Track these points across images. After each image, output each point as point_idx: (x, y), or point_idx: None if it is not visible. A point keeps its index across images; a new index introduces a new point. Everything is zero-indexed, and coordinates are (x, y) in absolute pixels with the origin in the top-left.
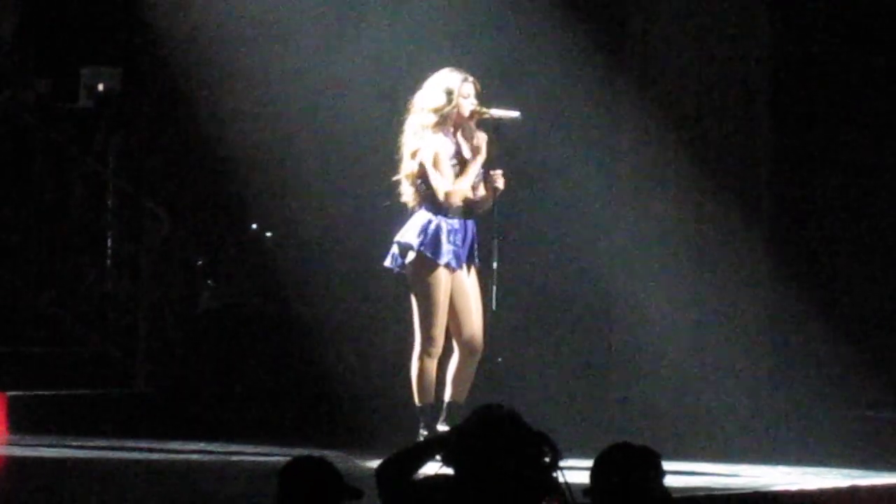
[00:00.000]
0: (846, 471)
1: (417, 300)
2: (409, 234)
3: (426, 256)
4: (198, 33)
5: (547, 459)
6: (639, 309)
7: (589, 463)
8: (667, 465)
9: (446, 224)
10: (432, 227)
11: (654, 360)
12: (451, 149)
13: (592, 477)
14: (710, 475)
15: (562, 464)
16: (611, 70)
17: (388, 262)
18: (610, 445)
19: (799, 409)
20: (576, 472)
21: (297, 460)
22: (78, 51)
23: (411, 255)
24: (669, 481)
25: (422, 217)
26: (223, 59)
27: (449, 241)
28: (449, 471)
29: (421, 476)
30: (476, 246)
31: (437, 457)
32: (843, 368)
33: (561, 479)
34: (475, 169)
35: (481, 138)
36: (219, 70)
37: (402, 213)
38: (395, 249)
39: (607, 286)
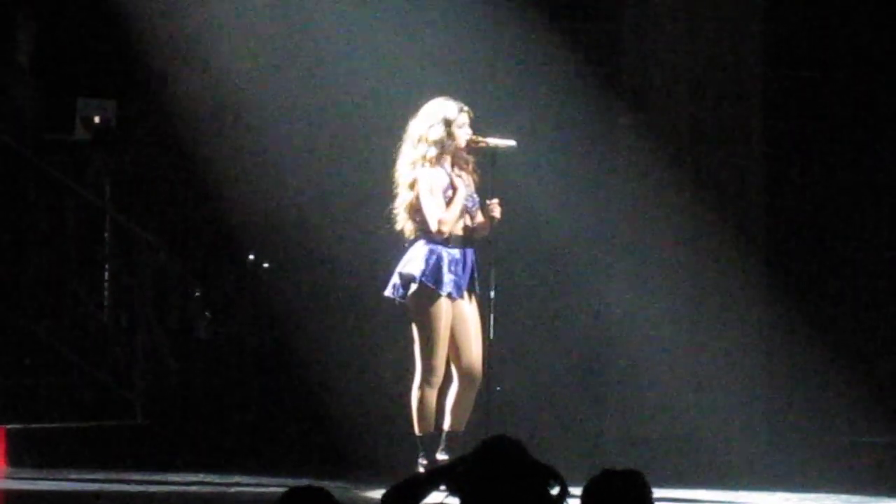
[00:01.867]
0: (845, 496)
1: (419, 330)
2: (411, 264)
3: (428, 287)
4: (192, 64)
5: (554, 493)
6: (636, 336)
7: None
8: (664, 493)
9: (447, 254)
10: (434, 257)
11: (652, 387)
12: (447, 180)
13: None
14: (708, 502)
15: (569, 499)
16: (606, 97)
17: (388, 292)
18: (595, 475)
19: (797, 435)
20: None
21: (294, 490)
22: (73, 82)
23: (413, 286)
24: None
25: (423, 247)
26: (218, 90)
27: (450, 271)
28: (454, 501)
29: None
30: (476, 274)
31: (443, 486)
32: (841, 393)
33: None
34: (460, 199)
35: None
36: (214, 101)
37: (399, 242)
38: (396, 279)
39: (604, 313)
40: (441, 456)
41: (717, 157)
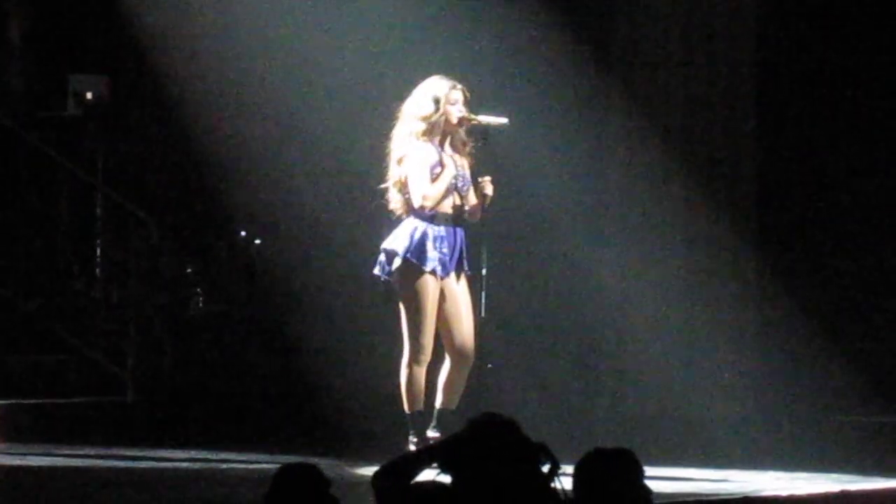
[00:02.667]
0: (836, 475)
1: (405, 307)
2: (395, 241)
3: (412, 263)
4: (185, 41)
5: (545, 469)
6: (628, 315)
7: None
8: (656, 471)
9: (433, 231)
10: (418, 233)
11: (644, 365)
12: (436, 157)
13: (574, 485)
14: (700, 481)
15: (560, 476)
16: (599, 79)
17: (376, 270)
18: (587, 453)
19: (789, 414)
20: (565, 479)
21: (287, 467)
22: (66, 59)
23: (397, 262)
24: (658, 487)
25: (408, 224)
26: (211, 66)
27: (435, 248)
28: (446, 478)
29: (418, 483)
30: (465, 253)
31: (434, 464)
32: (832, 372)
33: (559, 489)
34: (447, 176)
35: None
36: (207, 78)
37: (391, 220)
38: (381, 257)
39: (596, 294)
40: (432, 434)
41: (708, 133)
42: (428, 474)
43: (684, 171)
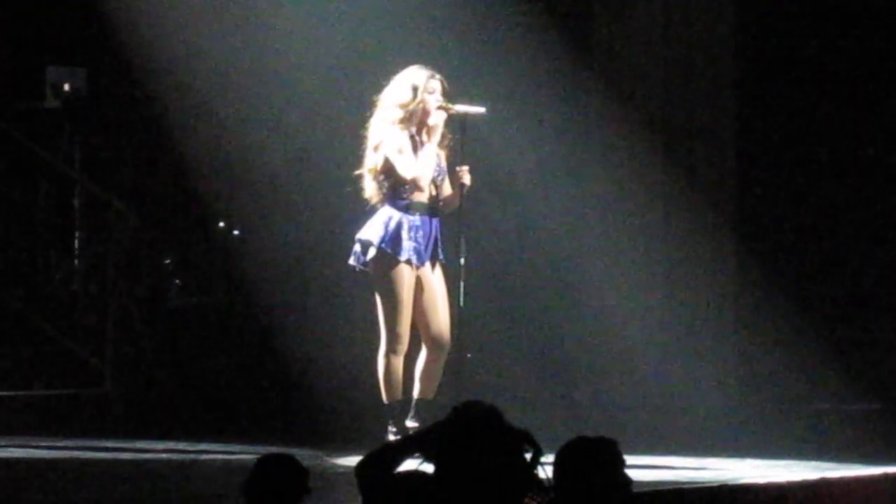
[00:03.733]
0: (815, 463)
1: (380, 297)
2: (369, 230)
3: (387, 252)
4: (164, 33)
5: (528, 456)
6: (607, 304)
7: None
8: (634, 460)
9: (407, 220)
10: (393, 223)
11: (622, 354)
12: (410, 145)
13: (554, 473)
14: (678, 469)
15: (543, 460)
16: (579, 70)
17: (351, 260)
18: (567, 441)
19: (767, 403)
20: (547, 467)
21: (266, 457)
22: (42, 50)
23: (372, 252)
24: (637, 475)
25: (383, 214)
26: (189, 57)
27: (410, 238)
28: (429, 467)
29: (400, 473)
30: (440, 242)
31: (417, 453)
32: (812, 361)
33: (543, 476)
34: (432, 147)
35: (438, 117)
36: (185, 69)
37: (367, 209)
38: (357, 247)
39: (575, 282)
40: (411, 423)
41: (688, 130)
42: (411, 463)
43: (664, 166)
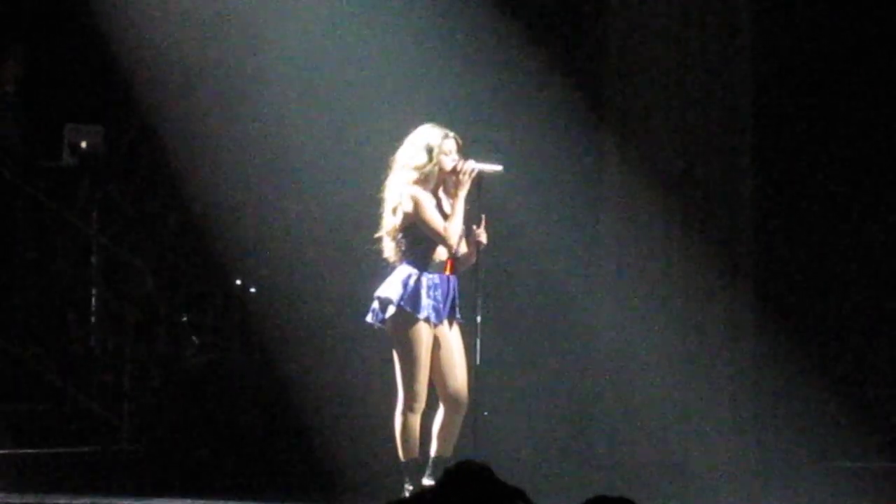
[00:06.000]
0: None
1: (399, 355)
2: (389, 288)
3: (406, 311)
4: (179, 89)
5: None
6: (623, 362)
7: None
8: None
9: (426, 279)
10: (412, 281)
11: (640, 410)
12: (433, 202)
13: None
14: None
15: None
16: (593, 123)
17: (369, 318)
18: (588, 499)
19: (784, 461)
20: None
21: None
22: (60, 108)
23: (391, 310)
24: None
25: (402, 272)
26: (205, 114)
27: (429, 296)
28: None
29: None
30: (458, 301)
31: None
32: (830, 419)
33: None
34: (461, 203)
35: (465, 166)
36: (202, 127)
37: (386, 268)
38: (375, 304)
39: (592, 339)
40: (427, 481)
41: (704, 177)
42: None
43: (680, 216)
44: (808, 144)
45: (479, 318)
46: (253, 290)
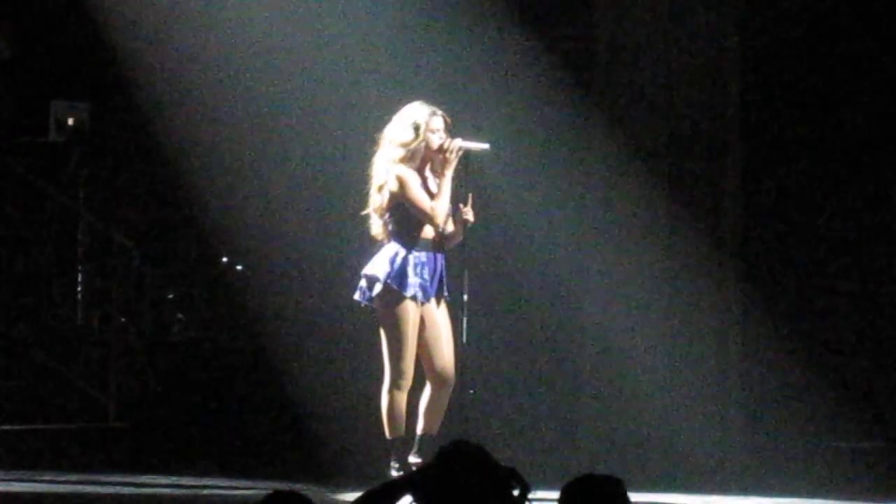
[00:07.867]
0: (819, 501)
1: (385, 333)
2: (375, 266)
3: (392, 288)
4: (167, 67)
5: (516, 493)
6: (611, 341)
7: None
8: (641, 498)
9: (413, 257)
10: (399, 259)
11: (627, 390)
12: (419, 180)
13: None
14: None
15: (531, 497)
16: (580, 102)
17: (356, 296)
18: (574, 478)
19: (775, 441)
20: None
21: (276, 493)
22: (47, 84)
23: (378, 288)
24: None
25: (389, 250)
26: (193, 92)
27: (416, 274)
28: None
29: None
30: (445, 279)
31: (409, 496)
32: (817, 398)
33: None
34: (448, 182)
35: (452, 143)
36: (189, 104)
37: (373, 245)
38: (362, 282)
39: (578, 317)
40: (413, 459)
41: (690, 154)
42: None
43: (666, 194)
44: (797, 127)
45: (465, 297)
46: (239, 267)
